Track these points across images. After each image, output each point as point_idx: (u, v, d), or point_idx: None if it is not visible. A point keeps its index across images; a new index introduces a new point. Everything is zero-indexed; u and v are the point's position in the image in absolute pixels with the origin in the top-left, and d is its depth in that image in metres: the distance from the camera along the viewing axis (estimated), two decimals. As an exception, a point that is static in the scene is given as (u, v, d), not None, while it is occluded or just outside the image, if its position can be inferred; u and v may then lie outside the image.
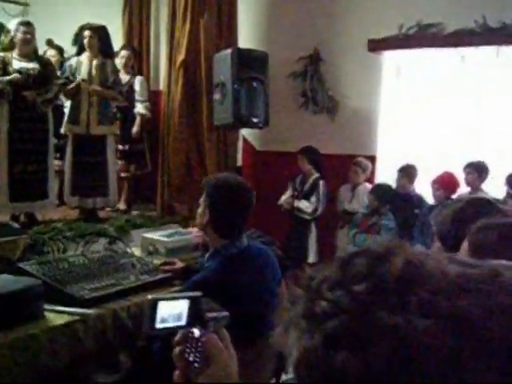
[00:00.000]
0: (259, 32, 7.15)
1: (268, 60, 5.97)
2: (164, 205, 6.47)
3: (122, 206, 6.65)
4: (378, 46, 6.49)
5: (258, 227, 4.40)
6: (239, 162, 6.77)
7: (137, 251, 4.18)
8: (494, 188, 5.47)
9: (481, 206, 2.31)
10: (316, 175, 6.15)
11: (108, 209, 6.43)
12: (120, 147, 6.60)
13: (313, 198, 6.04)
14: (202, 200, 2.84)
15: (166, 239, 4.18)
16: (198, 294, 1.21)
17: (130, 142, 6.67)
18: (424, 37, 6.28)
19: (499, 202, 3.75)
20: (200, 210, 2.85)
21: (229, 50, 5.82)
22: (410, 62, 6.55)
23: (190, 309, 1.18)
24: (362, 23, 6.58)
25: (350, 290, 0.61)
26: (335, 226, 6.25)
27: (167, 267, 3.54)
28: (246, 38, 6.76)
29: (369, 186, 6.16)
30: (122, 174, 6.71)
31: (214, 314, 1.21)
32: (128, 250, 3.96)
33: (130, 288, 3.33)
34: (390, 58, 6.60)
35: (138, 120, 6.63)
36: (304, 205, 6.04)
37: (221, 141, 6.46)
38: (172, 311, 1.16)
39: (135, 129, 6.60)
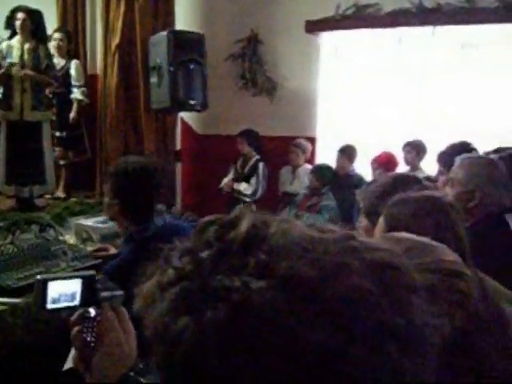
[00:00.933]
0: (197, 14, 7.06)
1: (204, 42, 5.89)
2: (103, 191, 6.35)
3: (60, 193, 6.50)
4: (315, 27, 6.49)
5: (199, 211, 4.35)
6: (178, 146, 6.69)
7: (72, 239, 4.10)
8: (432, 166, 5.56)
9: (406, 181, 2.32)
10: (256, 157, 6.14)
11: (48, 196, 6.28)
12: (57, 134, 6.42)
13: (253, 180, 6.04)
14: (107, 189, 2.80)
15: (99, 225, 4.11)
16: (91, 273, 1.18)
17: (68, 129, 6.49)
18: (361, 17, 6.30)
19: (432, 180, 3.82)
20: (107, 199, 2.81)
21: (164, 32, 5.72)
22: (348, 43, 6.58)
23: (84, 288, 1.14)
24: (299, 5, 6.56)
25: (195, 257, 0.59)
26: (276, 208, 6.26)
27: (100, 253, 3.48)
28: (184, 20, 6.65)
29: (309, 166, 6.18)
30: (61, 162, 6.55)
31: (108, 293, 1.18)
32: (60, 238, 3.87)
33: (60, 275, 3.25)
34: (328, 39, 6.61)
35: (74, 106, 6.46)
36: (244, 187, 6.04)
37: (159, 125, 6.37)
38: (64, 291, 1.12)
39: (72, 115, 6.42)
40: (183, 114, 6.73)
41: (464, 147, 3.84)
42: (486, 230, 2.65)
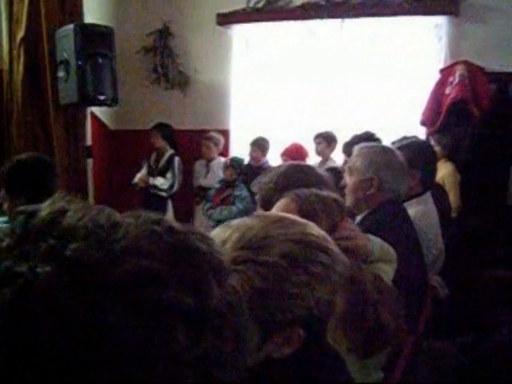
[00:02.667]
0: (107, 7, 6.90)
1: (114, 35, 5.75)
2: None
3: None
4: (226, 19, 6.46)
5: (112, 207, 4.22)
6: (89, 142, 6.52)
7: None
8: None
9: (301, 171, 2.34)
10: (170, 151, 6.08)
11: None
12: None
13: (168, 175, 5.98)
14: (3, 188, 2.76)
15: (2, 226, 3.95)
16: None
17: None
18: (272, 10, 6.33)
19: (338, 170, 3.87)
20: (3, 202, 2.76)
21: (71, 26, 5.54)
22: (260, 36, 6.59)
23: None
24: (210, -3, 6.53)
25: None
26: (192, 203, 6.23)
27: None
28: (93, 13, 6.48)
29: (222, 159, 6.16)
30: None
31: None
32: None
33: None
34: (240, 32, 6.60)
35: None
36: (159, 182, 5.96)
37: (68, 121, 6.17)
38: None
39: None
40: (95, 109, 6.57)
41: (368, 137, 3.92)
42: (384, 216, 2.71)
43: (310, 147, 5.92)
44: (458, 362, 3.17)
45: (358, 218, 2.81)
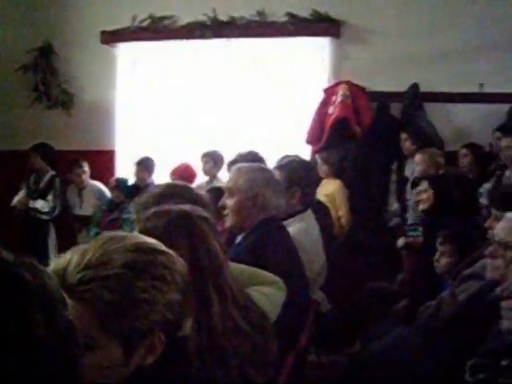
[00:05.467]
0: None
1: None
2: None
3: None
4: (110, 38, 6.36)
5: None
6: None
7: None
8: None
9: (177, 191, 2.32)
10: (51, 173, 5.85)
11: None
12: None
13: (49, 197, 5.76)
14: None
15: None
16: None
17: None
18: (157, 29, 6.29)
19: (222, 189, 3.86)
20: None
21: None
22: (146, 55, 6.53)
23: None
24: (94, 14, 6.41)
25: None
26: (74, 227, 6.01)
27: None
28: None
29: (95, 184, 6.05)
30: None
31: None
32: None
33: None
34: (125, 51, 6.50)
35: None
36: (40, 204, 5.72)
37: None
38: None
39: None
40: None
41: (252, 156, 3.95)
42: (265, 234, 2.72)
43: (199, 166, 5.89)
44: (344, 373, 3.24)
45: (239, 237, 2.81)
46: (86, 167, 6.05)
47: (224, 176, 5.60)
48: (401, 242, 5.03)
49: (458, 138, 5.81)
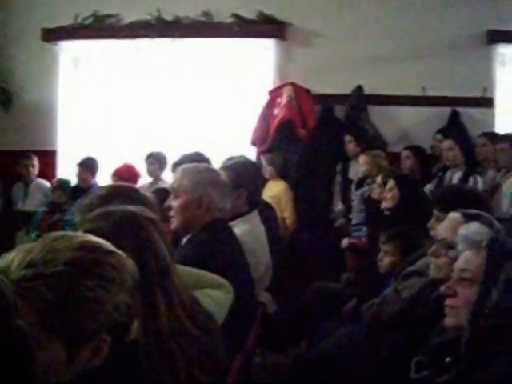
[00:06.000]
0: None
1: None
2: None
3: None
4: (52, 35, 6.22)
5: None
6: None
7: None
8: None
9: (121, 193, 2.28)
10: (-10, 172, 5.68)
11: None
12: None
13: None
14: None
15: None
16: None
17: None
18: (101, 27, 6.18)
19: (167, 190, 3.82)
20: None
21: None
22: (89, 53, 6.40)
23: None
24: (35, 11, 6.25)
25: None
26: (13, 228, 5.84)
27: None
28: None
29: (42, 181, 5.89)
30: None
31: None
32: None
33: None
34: (67, 49, 6.35)
35: None
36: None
37: None
38: None
39: None
40: None
41: (197, 157, 3.92)
42: (211, 235, 2.70)
43: (143, 167, 5.82)
44: (290, 374, 3.24)
45: (185, 239, 2.78)
46: (36, 161, 5.91)
47: (168, 177, 5.56)
48: (345, 242, 5.09)
49: (401, 140, 5.93)
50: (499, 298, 1.75)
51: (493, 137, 5.36)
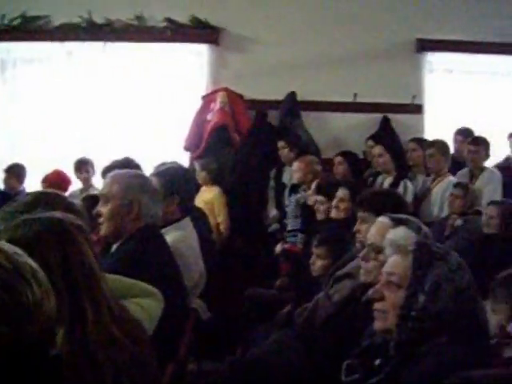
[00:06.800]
0: None
1: None
2: None
3: None
4: (-24, 37, 5.98)
5: None
6: None
7: None
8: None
9: (51, 198, 2.25)
10: None
11: None
12: None
13: None
14: None
15: None
16: None
17: None
18: (29, 29, 5.99)
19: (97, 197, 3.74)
20: None
21: None
22: (17, 56, 6.18)
23: None
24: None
25: None
26: None
27: None
28: None
29: None
30: None
31: None
32: None
33: None
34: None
35: None
36: None
37: None
38: None
39: None
40: None
41: (127, 163, 3.86)
42: (142, 242, 2.66)
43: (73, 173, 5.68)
44: (225, 380, 3.21)
45: (115, 246, 2.73)
46: None
47: (99, 184, 5.45)
48: (279, 247, 5.10)
49: (334, 145, 6.00)
50: (426, 301, 1.78)
51: (422, 142, 5.50)
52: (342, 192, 4.02)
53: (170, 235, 3.00)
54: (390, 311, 1.85)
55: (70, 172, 5.69)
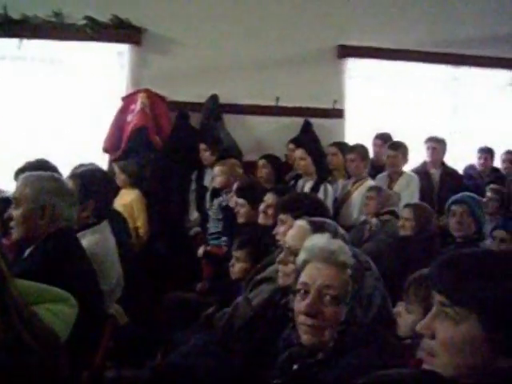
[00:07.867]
0: None
1: None
2: None
3: None
4: None
5: None
6: None
7: None
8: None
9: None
10: None
11: None
12: None
13: None
14: None
15: None
16: None
17: None
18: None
19: (10, 200, 3.61)
20: None
21: None
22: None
23: None
24: None
25: None
26: None
27: None
28: None
29: None
30: None
31: None
32: None
33: None
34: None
35: None
36: None
37: None
38: None
39: None
40: None
41: (41, 164, 3.74)
42: (56, 244, 2.59)
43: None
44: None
45: (27, 251, 2.63)
46: None
47: (12, 186, 5.24)
48: (201, 250, 5.07)
49: (257, 148, 6.03)
50: (361, 313, 1.79)
51: (343, 147, 5.60)
52: (269, 197, 3.94)
53: (86, 239, 2.94)
54: (326, 327, 1.81)
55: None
